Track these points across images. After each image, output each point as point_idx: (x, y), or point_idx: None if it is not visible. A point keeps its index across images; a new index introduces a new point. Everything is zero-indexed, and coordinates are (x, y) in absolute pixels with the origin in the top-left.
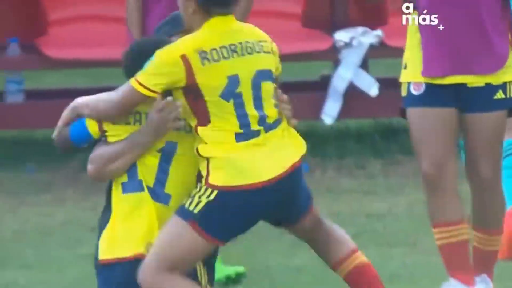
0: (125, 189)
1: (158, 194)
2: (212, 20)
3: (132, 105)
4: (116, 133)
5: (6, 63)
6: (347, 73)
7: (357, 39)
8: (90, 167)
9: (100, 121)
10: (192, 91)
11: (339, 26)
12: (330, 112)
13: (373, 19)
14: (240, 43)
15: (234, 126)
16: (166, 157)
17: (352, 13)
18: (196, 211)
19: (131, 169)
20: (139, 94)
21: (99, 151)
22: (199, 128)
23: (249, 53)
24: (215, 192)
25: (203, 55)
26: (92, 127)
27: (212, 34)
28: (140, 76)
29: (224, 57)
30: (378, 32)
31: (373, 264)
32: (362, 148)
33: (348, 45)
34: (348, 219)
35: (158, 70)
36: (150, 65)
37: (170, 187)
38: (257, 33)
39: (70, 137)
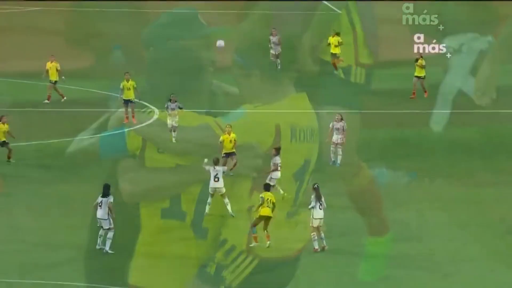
0: (165, 215)
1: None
2: (295, 96)
3: None
4: (158, 160)
5: None
6: (456, 80)
7: (466, 45)
8: (134, 189)
9: (145, 144)
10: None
11: (448, 32)
12: (438, 119)
13: (483, 24)
14: (314, 129)
15: (290, 204)
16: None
17: (462, 18)
18: (234, 285)
19: (175, 198)
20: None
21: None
22: (257, 192)
23: (316, 141)
24: (256, 261)
25: (293, 132)
26: (132, 144)
27: (301, 112)
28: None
29: (307, 140)
30: (489, 37)
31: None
32: (472, 157)
33: (457, 51)
34: (457, 229)
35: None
36: (241, 119)
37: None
38: None
39: (99, 144)
